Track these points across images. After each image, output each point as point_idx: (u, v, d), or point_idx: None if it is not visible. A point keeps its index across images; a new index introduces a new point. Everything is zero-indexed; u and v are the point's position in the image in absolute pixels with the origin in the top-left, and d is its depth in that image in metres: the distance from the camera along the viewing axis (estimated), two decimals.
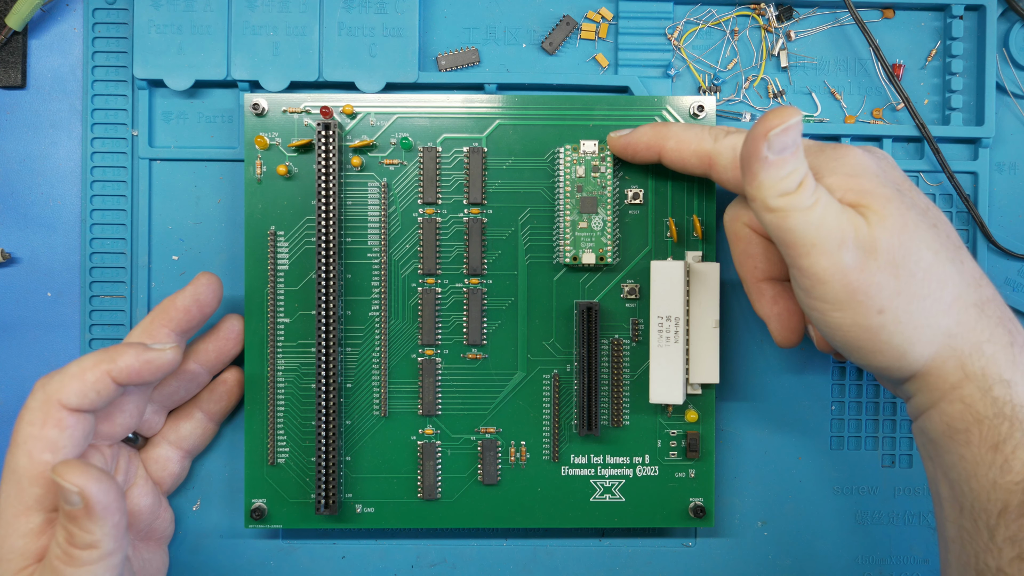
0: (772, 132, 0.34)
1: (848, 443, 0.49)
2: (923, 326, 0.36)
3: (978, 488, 0.36)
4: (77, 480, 0.36)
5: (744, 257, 0.43)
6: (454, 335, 0.46)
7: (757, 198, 0.36)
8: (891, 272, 0.36)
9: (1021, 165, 0.49)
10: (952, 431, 0.37)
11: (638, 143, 0.43)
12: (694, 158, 0.42)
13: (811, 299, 0.37)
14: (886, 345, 0.37)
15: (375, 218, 0.46)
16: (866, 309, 0.36)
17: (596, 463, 0.46)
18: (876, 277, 0.36)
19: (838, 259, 0.35)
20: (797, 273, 0.37)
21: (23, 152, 0.48)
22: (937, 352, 0.37)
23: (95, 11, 0.47)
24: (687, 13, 0.48)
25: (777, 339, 0.43)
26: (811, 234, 0.35)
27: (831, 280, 0.36)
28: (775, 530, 0.49)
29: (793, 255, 0.36)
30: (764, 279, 0.43)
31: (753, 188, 0.35)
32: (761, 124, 0.34)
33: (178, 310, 0.42)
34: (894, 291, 0.36)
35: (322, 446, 0.44)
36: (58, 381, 0.39)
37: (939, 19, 0.49)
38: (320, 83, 0.46)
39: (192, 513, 0.48)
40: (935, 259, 0.37)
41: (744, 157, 0.35)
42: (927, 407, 0.38)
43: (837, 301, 0.36)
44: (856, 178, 0.37)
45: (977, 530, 0.37)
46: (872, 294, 0.36)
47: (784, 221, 0.35)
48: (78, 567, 0.37)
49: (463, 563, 0.48)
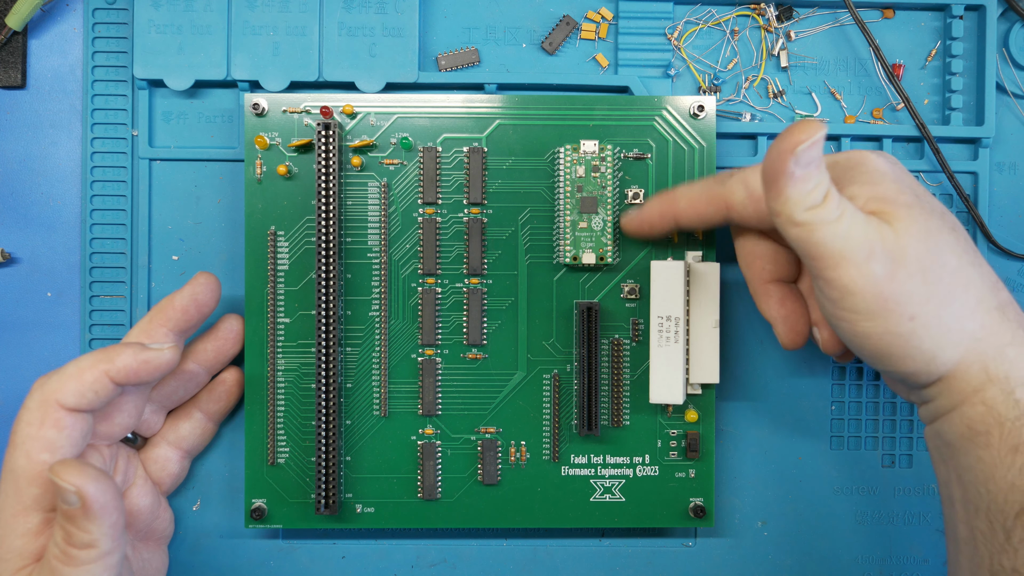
0: (800, 147, 0.34)
1: (848, 443, 0.49)
2: (951, 330, 0.36)
3: (995, 490, 0.36)
4: (74, 480, 0.36)
5: (751, 258, 0.43)
6: (454, 335, 0.46)
7: (783, 213, 0.35)
8: (920, 278, 0.36)
9: (1021, 165, 0.49)
10: (972, 433, 0.37)
11: (651, 216, 0.44)
12: (709, 207, 0.42)
13: (839, 310, 0.37)
14: (916, 351, 0.36)
15: (375, 218, 0.46)
16: (898, 317, 0.36)
17: (596, 463, 0.46)
18: (906, 285, 0.36)
19: (867, 270, 0.35)
20: (824, 285, 0.36)
21: (23, 152, 0.48)
22: (963, 356, 0.37)
23: (95, 11, 0.47)
24: (687, 13, 0.48)
25: (783, 341, 0.42)
26: (839, 246, 0.35)
27: (861, 291, 0.36)
28: (775, 530, 0.49)
29: (820, 267, 0.36)
30: (771, 280, 0.43)
31: (779, 204, 0.35)
32: (786, 139, 0.34)
33: (176, 310, 0.42)
34: (924, 297, 0.36)
35: (322, 446, 0.44)
36: (56, 381, 0.39)
37: (939, 19, 0.49)
38: (320, 83, 0.46)
39: (192, 513, 0.48)
40: (959, 263, 0.37)
41: (769, 173, 0.35)
42: (947, 410, 0.38)
43: (868, 311, 0.36)
44: (876, 186, 0.37)
45: (993, 531, 0.37)
46: (903, 301, 0.36)
47: (811, 235, 0.35)
48: (76, 567, 0.37)
49: (463, 563, 0.48)
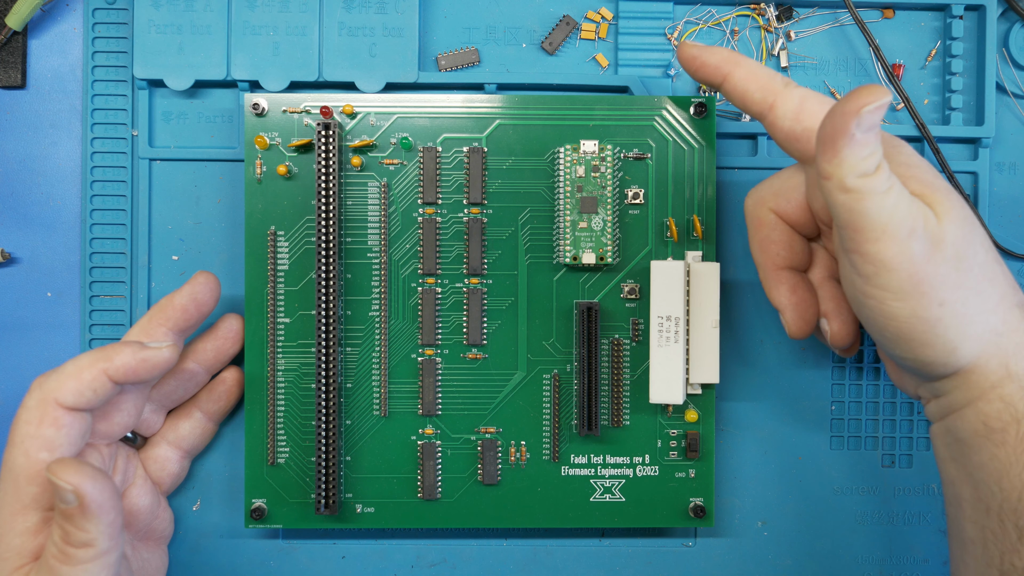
0: (867, 108, 0.33)
1: (848, 443, 0.49)
2: (976, 322, 0.36)
3: (1009, 488, 0.36)
4: (71, 478, 0.36)
5: (766, 243, 0.42)
6: (454, 335, 0.46)
7: (834, 176, 0.35)
8: (955, 265, 0.36)
9: (1021, 165, 0.49)
10: (988, 430, 0.37)
11: (708, 60, 0.42)
12: (759, 92, 0.40)
13: (870, 287, 0.36)
14: (940, 339, 0.36)
15: (375, 218, 0.46)
16: (928, 300, 0.35)
17: (596, 463, 0.46)
18: (941, 268, 0.35)
19: (907, 247, 0.35)
20: (859, 259, 0.36)
21: (23, 152, 0.48)
22: (983, 349, 0.37)
23: (95, 11, 0.47)
24: (687, 13, 0.48)
25: (791, 329, 0.42)
26: (883, 219, 0.34)
27: (898, 268, 0.35)
28: (775, 530, 0.49)
29: (860, 240, 0.35)
30: (783, 267, 0.42)
31: (832, 165, 0.34)
32: (852, 100, 0.33)
33: (176, 309, 0.42)
34: (956, 284, 0.36)
35: (322, 446, 0.44)
36: (55, 380, 0.39)
37: (939, 19, 0.49)
38: (320, 83, 0.46)
39: (192, 513, 0.48)
40: (987, 257, 0.37)
41: (828, 132, 0.34)
42: (961, 405, 0.38)
43: (900, 291, 0.35)
44: (919, 169, 0.37)
45: (1004, 531, 0.36)
46: (936, 285, 0.35)
47: (858, 203, 0.35)
48: (74, 565, 0.37)
49: (463, 563, 0.48)
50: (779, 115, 0.40)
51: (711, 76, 0.42)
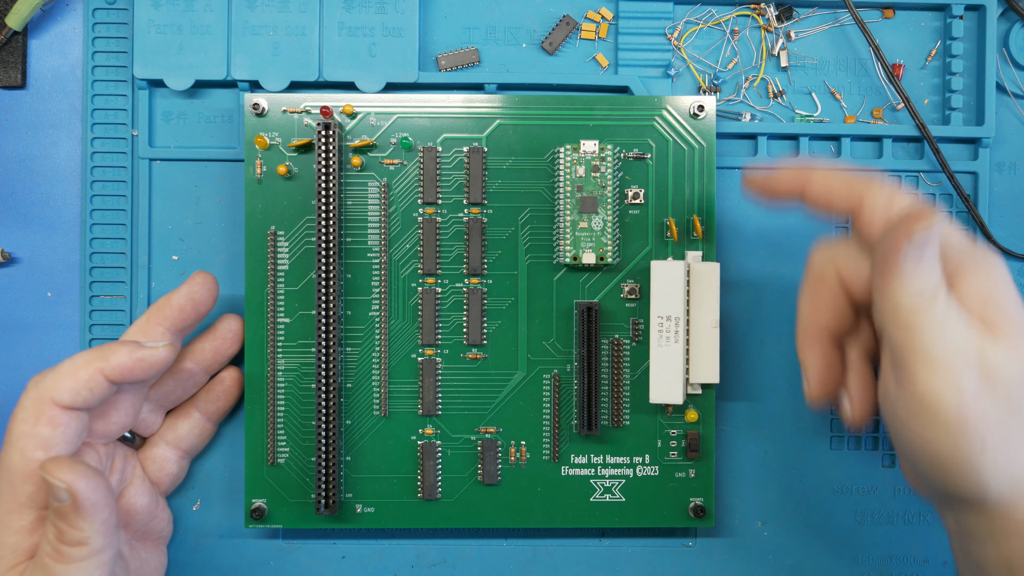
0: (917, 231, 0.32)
1: (848, 443, 0.49)
2: (1013, 463, 0.34)
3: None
4: (65, 477, 0.36)
5: (818, 302, 0.40)
6: (454, 335, 0.46)
7: (890, 293, 0.34)
8: (1004, 404, 0.34)
9: (1021, 165, 0.49)
10: (1008, 567, 0.35)
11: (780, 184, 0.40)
12: (843, 203, 0.38)
13: (910, 413, 0.34)
14: (973, 474, 0.34)
15: (375, 218, 0.46)
16: (970, 438, 0.34)
17: (596, 463, 0.46)
18: (988, 407, 0.33)
19: (958, 382, 0.33)
20: (907, 381, 0.34)
21: (23, 152, 0.48)
22: (1014, 489, 0.35)
23: (95, 11, 0.47)
24: (687, 13, 0.48)
25: (812, 394, 0.40)
26: (937, 351, 0.33)
27: (945, 403, 0.33)
28: (775, 530, 0.49)
29: (909, 362, 0.34)
30: (824, 328, 0.40)
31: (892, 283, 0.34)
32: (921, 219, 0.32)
33: (173, 309, 0.42)
34: (1000, 423, 0.34)
35: (322, 446, 0.44)
36: (51, 379, 0.39)
37: (939, 19, 0.49)
38: (320, 83, 0.46)
39: (192, 513, 0.48)
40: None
41: (891, 246, 0.33)
42: (981, 537, 0.36)
43: (944, 424, 0.34)
44: (994, 289, 0.35)
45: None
46: (981, 424, 0.33)
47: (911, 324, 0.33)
48: (68, 564, 0.37)
49: (463, 563, 0.48)
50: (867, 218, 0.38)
51: (787, 196, 0.40)
